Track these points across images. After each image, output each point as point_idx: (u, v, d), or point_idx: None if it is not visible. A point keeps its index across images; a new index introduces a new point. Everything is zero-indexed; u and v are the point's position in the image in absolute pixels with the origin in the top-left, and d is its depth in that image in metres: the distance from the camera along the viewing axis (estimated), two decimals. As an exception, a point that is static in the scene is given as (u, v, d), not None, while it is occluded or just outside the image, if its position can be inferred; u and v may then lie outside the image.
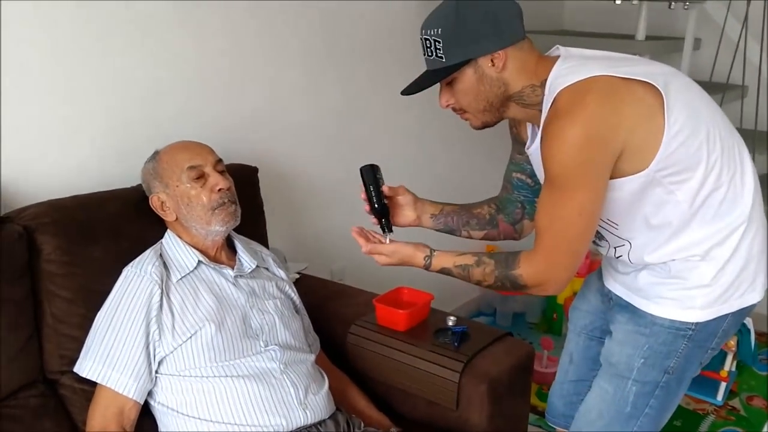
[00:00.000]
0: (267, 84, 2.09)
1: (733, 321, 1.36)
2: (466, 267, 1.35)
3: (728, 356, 2.42)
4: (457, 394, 1.59)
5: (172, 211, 1.52)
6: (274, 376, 1.45)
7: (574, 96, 1.20)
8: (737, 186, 1.28)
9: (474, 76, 1.29)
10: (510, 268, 1.29)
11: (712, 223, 1.27)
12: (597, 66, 1.22)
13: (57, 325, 1.45)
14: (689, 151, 1.21)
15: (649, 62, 1.32)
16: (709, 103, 1.29)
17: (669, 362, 1.35)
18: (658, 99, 1.19)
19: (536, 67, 1.29)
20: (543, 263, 1.26)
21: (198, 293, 1.47)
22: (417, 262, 1.40)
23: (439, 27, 1.27)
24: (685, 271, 1.31)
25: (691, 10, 2.63)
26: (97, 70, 1.66)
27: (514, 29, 1.27)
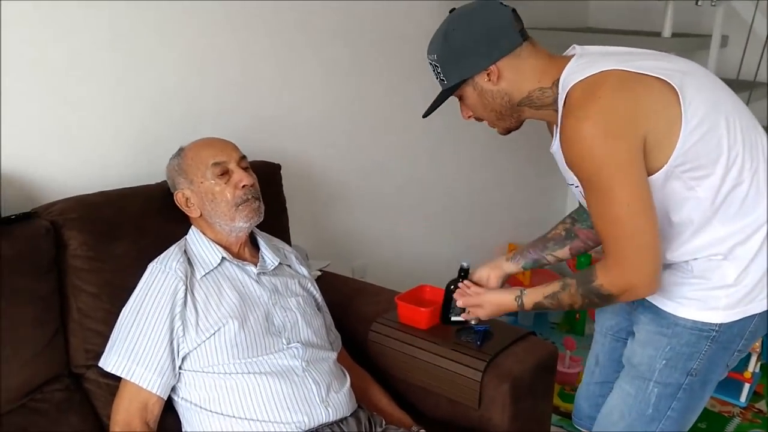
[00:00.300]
0: (291, 81, 2.09)
1: (761, 322, 1.32)
2: (555, 295, 1.34)
3: (752, 357, 2.39)
4: (480, 393, 1.58)
5: (196, 208, 1.53)
6: (296, 374, 1.46)
7: (585, 91, 1.19)
8: (760, 182, 1.25)
9: (474, 92, 1.33)
10: (589, 282, 1.28)
11: (734, 221, 1.25)
12: (610, 61, 1.21)
13: (82, 320, 1.46)
14: (709, 146, 1.20)
15: (670, 58, 1.30)
16: (730, 99, 1.27)
17: (691, 364, 1.33)
18: (673, 94, 1.18)
19: (545, 68, 1.29)
20: (617, 268, 1.23)
21: (221, 290, 1.48)
22: (509, 305, 1.42)
23: (435, 53, 1.32)
24: (708, 270, 1.28)
25: (718, 6, 2.60)
26: (125, 69, 1.67)
27: (505, 40, 1.28)
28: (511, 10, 1.31)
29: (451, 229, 2.88)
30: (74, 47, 1.57)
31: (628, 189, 1.18)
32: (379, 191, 2.50)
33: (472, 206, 2.92)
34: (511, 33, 1.29)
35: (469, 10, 1.31)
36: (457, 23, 1.30)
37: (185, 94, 1.82)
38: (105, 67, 1.64)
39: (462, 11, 1.32)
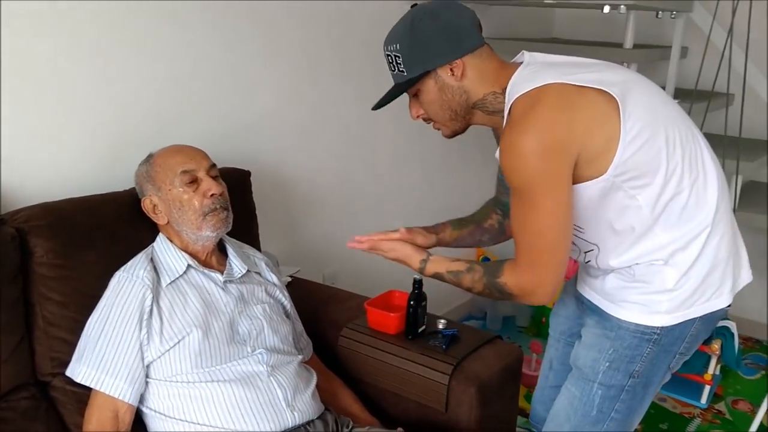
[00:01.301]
0: (261, 88, 2.10)
1: (702, 326, 1.36)
2: (458, 273, 1.37)
3: (712, 360, 2.46)
4: (447, 396, 1.60)
5: (163, 215, 1.52)
6: (261, 379, 1.46)
7: (526, 105, 1.21)
8: (700, 191, 1.28)
9: (435, 86, 1.33)
10: (495, 276, 1.31)
11: (675, 228, 1.28)
12: (553, 73, 1.23)
13: (48, 328, 1.45)
14: (647, 156, 1.23)
15: (615, 69, 1.32)
16: (671, 110, 1.30)
17: (634, 366, 1.35)
18: (613, 105, 1.20)
19: (497, 73, 1.31)
20: (525, 273, 1.28)
21: (186, 298, 1.47)
22: (413, 262, 1.42)
23: (397, 42, 1.31)
24: (649, 275, 1.32)
25: (677, 19, 2.67)
26: (92, 74, 1.66)
27: (471, 37, 1.30)
28: (473, 12, 1.33)
29: None
30: (43, 54, 1.56)
31: (554, 204, 1.21)
32: (350, 197, 2.51)
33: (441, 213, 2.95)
34: (475, 33, 1.31)
35: (434, 5, 1.32)
36: (422, 15, 1.30)
37: (155, 101, 1.81)
38: (73, 73, 1.63)
39: (426, 6, 1.33)
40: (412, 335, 1.73)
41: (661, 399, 2.64)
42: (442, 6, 1.32)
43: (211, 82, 1.95)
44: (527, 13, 3.22)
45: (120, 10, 1.68)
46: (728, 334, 2.50)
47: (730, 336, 2.50)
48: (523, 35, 3.20)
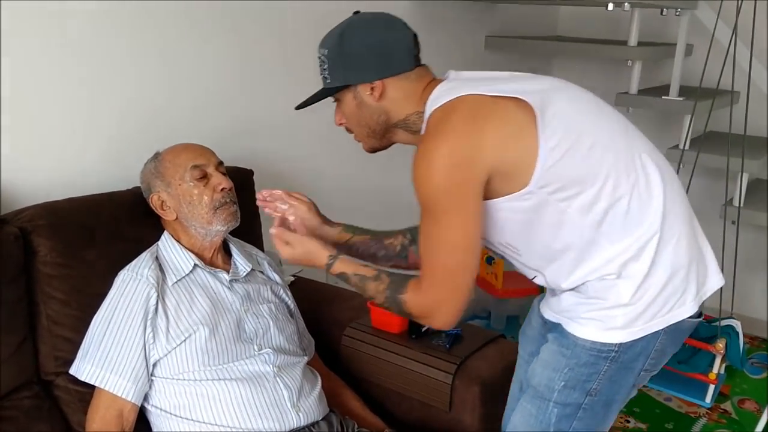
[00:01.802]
0: (264, 88, 2.10)
1: (668, 339, 1.27)
2: (364, 278, 1.31)
3: (717, 359, 2.45)
4: (450, 395, 1.60)
5: (172, 210, 1.53)
6: (268, 380, 1.46)
7: (439, 117, 1.18)
8: (642, 195, 1.20)
9: (354, 101, 1.29)
10: (398, 292, 1.26)
11: (622, 238, 1.20)
12: (471, 85, 1.19)
13: (52, 327, 1.45)
14: (571, 165, 1.16)
15: (541, 79, 1.28)
16: (599, 114, 1.25)
17: (591, 385, 1.27)
18: (530, 115, 1.16)
19: (423, 93, 1.27)
20: (425, 294, 1.22)
21: (193, 297, 1.48)
22: (320, 259, 1.36)
23: (326, 48, 1.29)
24: (602, 290, 1.23)
25: (682, 16, 2.66)
26: (94, 74, 1.67)
27: (398, 61, 1.26)
28: (413, 35, 1.29)
29: None
30: (44, 53, 1.57)
31: (455, 224, 1.17)
32: (352, 196, 2.51)
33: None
34: (406, 56, 1.27)
35: (374, 18, 1.29)
36: (357, 27, 1.27)
37: (156, 100, 1.82)
38: (75, 73, 1.63)
39: (366, 17, 1.30)
40: (415, 334, 1.72)
41: (666, 398, 2.63)
42: (380, 23, 1.28)
43: (213, 82, 1.95)
44: (531, 11, 3.22)
45: (122, 10, 1.69)
46: (733, 333, 2.49)
47: (735, 335, 2.49)
48: (527, 33, 3.19)
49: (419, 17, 2.58)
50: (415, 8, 2.57)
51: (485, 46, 2.97)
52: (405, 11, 2.53)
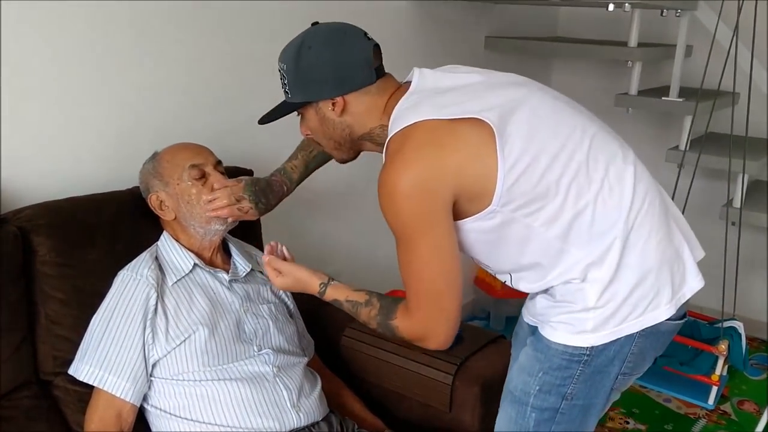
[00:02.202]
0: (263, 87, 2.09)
1: (647, 342, 1.24)
2: (356, 304, 1.34)
3: (719, 360, 2.44)
4: (451, 396, 1.60)
5: (171, 210, 1.52)
6: (267, 380, 1.46)
7: (396, 145, 1.17)
8: (607, 202, 1.18)
9: (316, 116, 1.30)
10: (388, 318, 1.28)
11: (588, 245, 1.19)
12: (429, 106, 1.18)
13: (51, 327, 1.45)
14: (532, 180, 1.15)
15: (501, 86, 1.25)
16: (562, 121, 1.21)
17: (565, 389, 1.26)
18: (489, 133, 1.14)
19: (387, 105, 1.25)
20: (414, 320, 1.24)
21: (192, 297, 1.47)
22: (312, 287, 1.39)
23: (285, 63, 1.28)
24: (569, 294, 1.22)
25: (682, 17, 2.66)
26: (93, 73, 1.66)
27: (358, 75, 1.24)
28: (373, 45, 1.26)
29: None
30: (45, 54, 1.56)
31: (428, 250, 1.17)
32: (352, 196, 2.51)
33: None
34: (366, 69, 1.25)
35: (331, 31, 1.26)
36: (313, 42, 1.25)
37: (156, 100, 1.81)
38: (74, 72, 1.63)
39: (324, 30, 1.27)
40: None
41: (666, 399, 2.63)
42: (337, 36, 1.25)
43: (213, 81, 1.95)
44: (531, 11, 3.21)
45: (122, 11, 1.68)
46: (735, 334, 2.48)
47: (737, 336, 2.48)
48: (527, 34, 3.19)
49: (419, 17, 2.58)
50: (415, 8, 2.57)
51: (485, 47, 2.97)
52: (404, 11, 2.53)
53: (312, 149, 1.61)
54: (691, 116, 2.60)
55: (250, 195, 1.51)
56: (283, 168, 1.61)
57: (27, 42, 1.53)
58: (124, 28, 1.70)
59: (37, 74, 1.56)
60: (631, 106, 2.73)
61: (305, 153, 1.61)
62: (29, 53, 1.54)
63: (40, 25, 1.54)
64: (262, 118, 1.37)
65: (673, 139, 2.81)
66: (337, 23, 1.29)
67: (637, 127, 3.10)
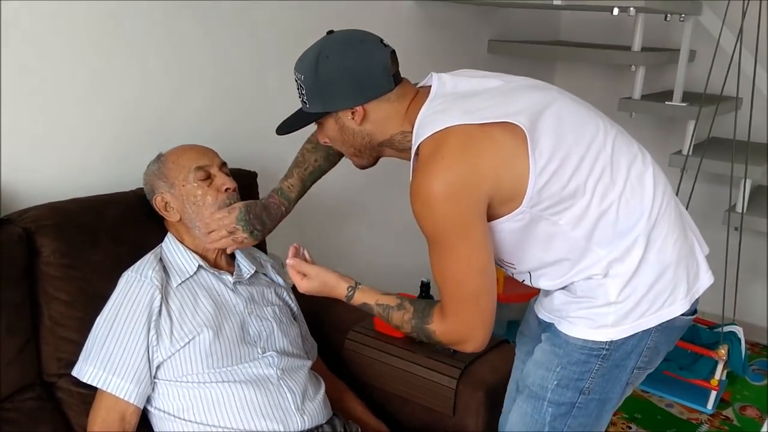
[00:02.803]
0: (268, 90, 2.09)
1: (661, 337, 1.28)
2: (387, 308, 1.32)
3: (719, 365, 2.44)
4: (454, 400, 1.59)
5: (176, 212, 1.52)
6: (272, 383, 1.46)
7: (430, 149, 1.17)
8: (630, 202, 1.22)
9: (336, 126, 1.29)
10: (424, 322, 1.27)
11: (611, 243, 1.22)
12: (458, 111, 1.19)
13: (55, 328, 1.44)
14: (561, 183, 1.18)
15: (527, 91, 1.26)
16: (586, 123, 1.24)
17: (583, 383, 1.29)
18: (521, 138, 1.16)
19: (408, 112, 1.26)
20: (452, 323, 1.23)
21: (197, 299, 1.47)
22: (339, 291, 1.37)
23: (302, 73, 1.27)
24: (590, 289, 1.25)
25: (686, 22, 2.66)
26: (99, 74, 1.66)
27: (376, 84, 1.24)
28: (390, 52, 1.26)
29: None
30: (48, 53, 1.56)
31: (466, 252, 1.17)
32: (355, 200, 2.50)
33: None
34: (385, 77, 1.25)
35: (348, 40, 1.26)
36: (332, 51, 1.24)
37: (161, 101, 1.81)
38: (79, 74, 1.62)
39: (340, 39, 1.27)
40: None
41: (668, 405, 2.63)
42: (355, 45, 1.25)
43: (219, 83, 1.95)
44: (535, 15, 3.21)
45: (126, 11, 1.68)
46: (735, 339, 2.48)
47: (737, 341, 2.48)
48: (531, 38, 3.19)
49: (422, 20, 2.58)
50: (419, 11, 2.57)
51: (488, 50, 2.97)
52: (408, 14, 2.53)
53: (307, 166, 1.59)
54: (694, 121, 2.61)
55: (244, 225, 1.49)
56: (279, 188, 1.58)
57: (29, 42, 1.53)
58: (132, 29, 1.70)
59: (39, 74, 1.56)
60: (635, 110, 2.74)
61: (300, 170, 1.59)
62: (35, 52, 1.53)
63: (43, 25, 1.54)
64: (281, 128, 1.35)
65: (676, 144, 2.81)
66: (352, 31, 1.29)
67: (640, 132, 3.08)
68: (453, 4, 2.69)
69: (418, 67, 1.51)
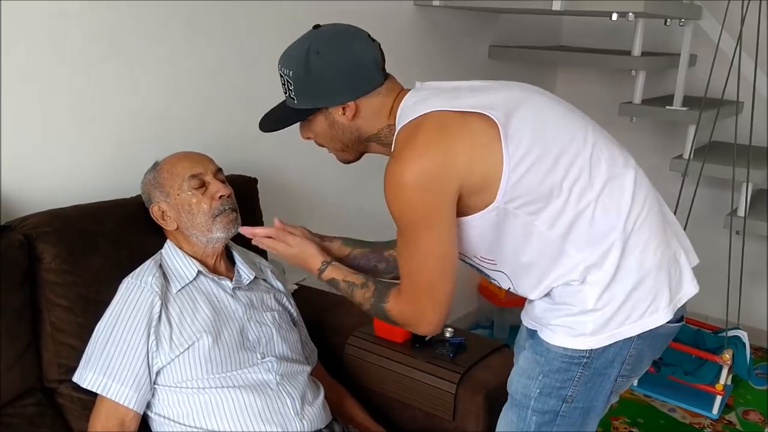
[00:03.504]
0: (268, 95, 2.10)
1: (645, 345, 1.26)
2: (352, 285, 1.33)
3: (724, 370, 2.43)
4: (454, 405, 1.59)
5: (173, 220, 1.53)
6: (271, 388, 1.46)
7: (406, 135, 1.17)
8: (608, 204, 1.20)
9: (325, 121, 1.28)
10: (381, 301, 1.28)
11: (587, 247, 1.20)
12: (437, 100, 1.19)
13: (55, 334, 1.45)
14: (537, 179, 1.16)
15: (501, 88, 1.26)
16: (566, 123, 1.23)
17: (566, 391, 1.27)
18: (495, 130, 1.15)
19: (393, 105, 1.26)
20: (407, 305, 1.25)
21: (196, 304, 1.48)
22: (313, 263, 1.37)
23: (290, 69, 1.25)
24: (568, 296, 1.23)
25: (686, 26, 2.67)
26: (99, 81, 1.67)
27: (368, 78, 1.24)
28: (378, 46, 1.26)
29: None
30: (48, 61, 1.57)
31: (428, 239, 1.18)
32: (355, 205, 2.51)
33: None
34: (375, 72, 1.25)
35: (339, 35, 1.25)
36: (322, 46, 1.22)
37: (161, 108, 1.82)
38: (79, 81, 1.64)
39: (329, 34, 1.25)
40: (419, 343, 1.72)
41: (670, 409, 2.62)
42: (344, 38, 1.24)
43: (218, 89, 1.96)
44: (535, 21, 3.22)
45: (126, 18, 1.69)
46: (740, 344, 2.48)
47: (742, 346, 2.48)
48: (531, 43, 3.20)
49: (423, 26, 2.59)
50: (420, 17, 2.58)
51: (489, 56, 2.98)
52: (409, 20, 2.54)
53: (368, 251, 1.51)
54: (695, 125, 2.61)
55: None
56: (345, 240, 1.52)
57: (29, 50, 1.54)
58: (130, 36, 1.71)
59: (41, 81, 1.57)
60: (636, 115, 2.74)
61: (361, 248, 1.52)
62: (34, 60, 1.55)
63: (43, 32, 1.55)
64: (265, 124, 1.34)
65: (677, 148, 2.81)
66: (340, 25, 1.28)
67: (641, 136, 3.11)
68: (453, 10, 2.70)
69: (418, 72, 1.51)
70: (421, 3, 2.54)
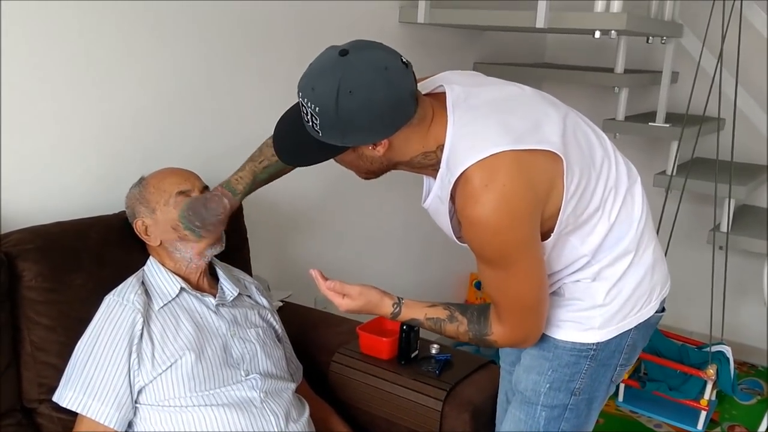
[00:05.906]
0: (253, 110, 2.10)
1: (638, 335, 1.36)
2: (438, 321, 1.33)
3: (708, 385, 2.44)
4: (441, 422, 1.58)
5: (156, 236, 1.52)
6: (255, 405, 1.44)
7: (484, 178, 1.14)
8: (629, 213, 1.29)
9: (354, 154, 1.20)
10: (483, 333, 1.30)
11: (606, 253, 1.28)
12: (495, 132, 1.16)
13: (36, 353, 1.43)
14: (583, 207, 1.23)
15: (548, 115, 1.24)
16: (593, 142, 1.28)
17: (574, 384, 1.34)
18: (558, 164, 1.18)
19: (428, 131, 1.20)
20: (515, 329, 1.28)
21: (179, 322, 1.46)
22: (384, 309, 1.34)
23: (316, 105, 1.12)
24: (578, 292, 1.31)
25: (668, 44, 2.70)
26: (81, 97, 1.66)
27: (404, 113, 1.15)
28: (411, 71, 1.17)
29: (414, 259, 2.90)
30: (32, 75, 1.56)
31: (528, 268, 1.21)
32: (342, 221, 2.51)
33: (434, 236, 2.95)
34: (410, 104, 1.16)
35: (372, 68, 1.12)
36: (354, 86, 1.10)
37: (144, 124, 1.81)
38: (63, 95, 1.63)
39: (363, 68, 1.11)
40: (404, 360, 1.71)
41: (656, 425, 2.62)
42: (381, 75, 1.11)
43: (201, 105, 1.95)
44: (520, 38, 3.25)
45: (110, 32, 1.69)
46: (723, 359, 2.49)
47: (726, 361, 2.49)
48: (516, 61, 3.22)
49: (408, 42, 2.61)
50: (405, 34, 2.60)
51: (474, 73, 2.99)
52: (395, 37, 2.55)
53: (262, 159, 1.53)
54: (678, 141, 2.63)
55: (184, 222, 1.48)
56: (227, 181, 1.53)
57: (13, 66, 1.53)
58: (113, 50, 1.70)
59: (23, 99, 1.55)
60: (619, 131, 2.76)
61: (254, 164, 1.54)
62: (15, 77, 1.53)
63: (28, 50, 1.54)
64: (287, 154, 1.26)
65: (660, 164, 2.83)
66: (372, 52, 1.15)
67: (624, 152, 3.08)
68: (439, 27, 2.72)
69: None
70: (406, 20, 2.55)
